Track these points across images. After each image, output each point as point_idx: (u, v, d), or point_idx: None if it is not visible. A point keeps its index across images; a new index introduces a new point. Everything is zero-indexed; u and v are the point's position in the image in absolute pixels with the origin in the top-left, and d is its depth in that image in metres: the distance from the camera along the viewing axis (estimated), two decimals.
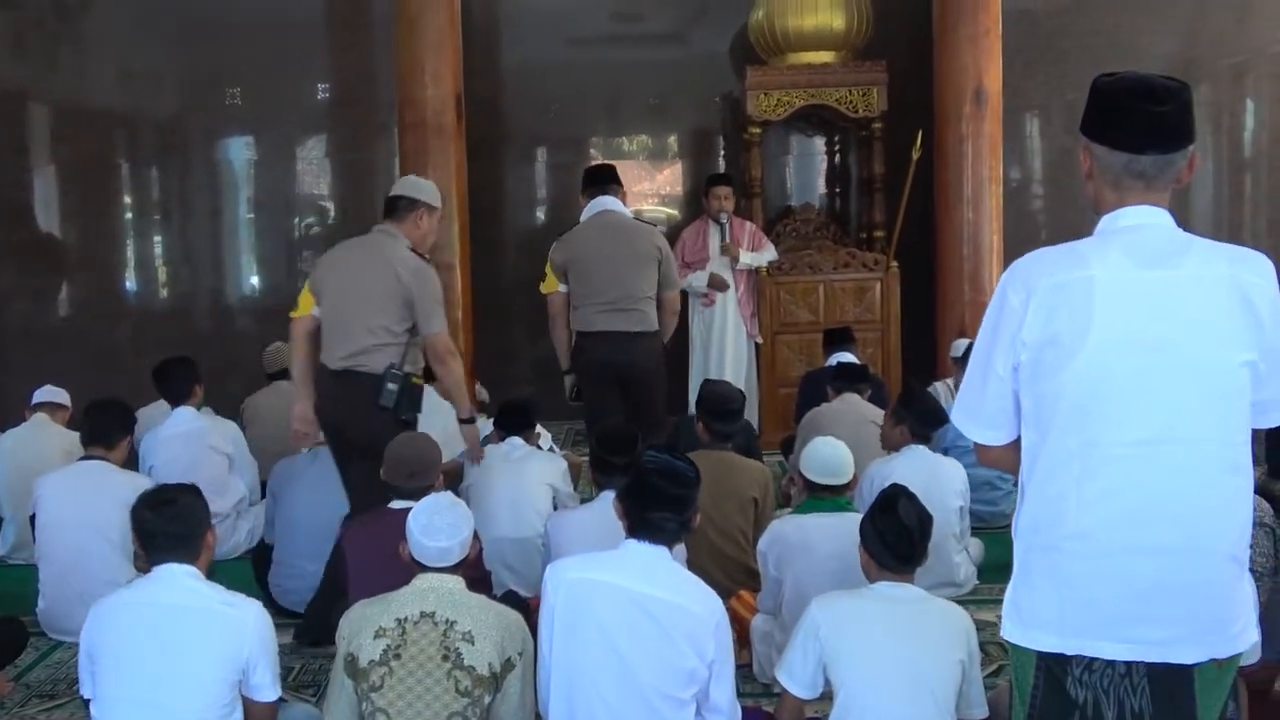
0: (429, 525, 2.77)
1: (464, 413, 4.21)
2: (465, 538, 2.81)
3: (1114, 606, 1.87)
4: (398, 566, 2.84)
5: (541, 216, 8.06)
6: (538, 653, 2.72)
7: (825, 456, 3.63)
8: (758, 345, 6.82)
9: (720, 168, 7.67)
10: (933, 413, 4.28)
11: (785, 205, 7.77)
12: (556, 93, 7.80)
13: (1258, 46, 7.73)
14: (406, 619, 2.67)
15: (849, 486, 3.67)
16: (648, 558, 2.69)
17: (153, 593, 2.74)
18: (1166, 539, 1.85)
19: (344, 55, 7.70)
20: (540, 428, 4.96)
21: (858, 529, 2.98)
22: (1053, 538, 1.91)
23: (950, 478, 4.24)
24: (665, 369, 4.98)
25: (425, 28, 6.32)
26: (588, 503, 4.10)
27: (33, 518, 4.23)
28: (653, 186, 8.16)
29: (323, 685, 3.62)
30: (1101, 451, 1.86)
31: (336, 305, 4.03)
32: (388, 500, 3.59)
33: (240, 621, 2.72)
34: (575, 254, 4.84)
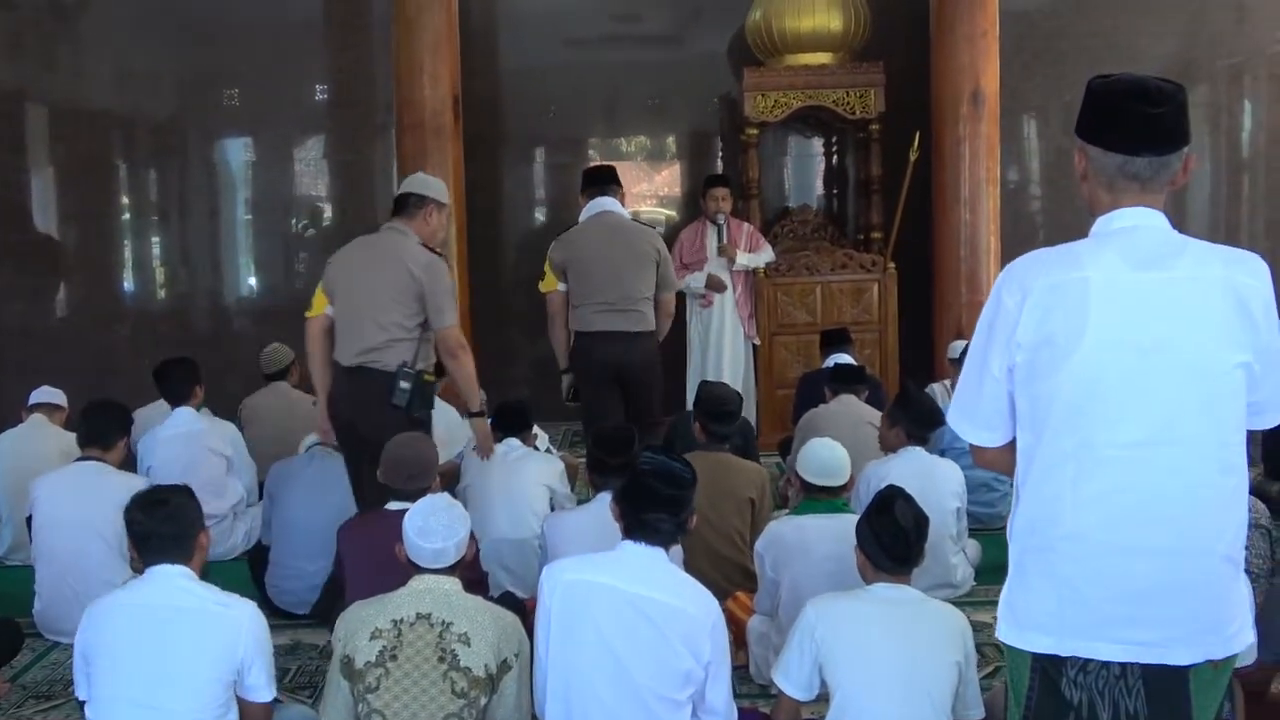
0: (424, 527, 2.77)
1: (475, 406, 4.24)
2: (461, 539, 2.81)
3: (1109, 607, 1.87)
4: (394, 568, 2.83)
5: (539, 217, 8.06)
6: (534, 654, 2.73)
7: (822, 458, 3.64)
8: (755, 346, 6.82)
9: (718, 169, 7.66)
10: (928, 414, 4.28)
11: (783, 206, 7.76)
12: (554, 94, 7.80)
13: (1255, 47, 7.73)
14: (402, 620, 2.67)
15: (846, 488, 3.68)
16: (644, 559, 2.69)
17: (146, 594, 2.74)
18: (1162, 540, 1.85)
19: (342, 56, 7.69)
20: (537, 429, 4.96)
21: (854, 530, 2.98)
22: (1048, 539, 1.91)
23: (947, 479, 4.24)
24: (662, 369, 4.98)
25: (423, 29, 6.34)
26: (585, 504, 4.10)
27: (29, 519, 4.23)
28: (650, 187, 8.16)
29: (319, 686, 3.62)
30: (1096, 453, 1.87)
31: (349, 302, 4.05)
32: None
33: (235, 622, 2.72)
34: (575, 253, 4.84)
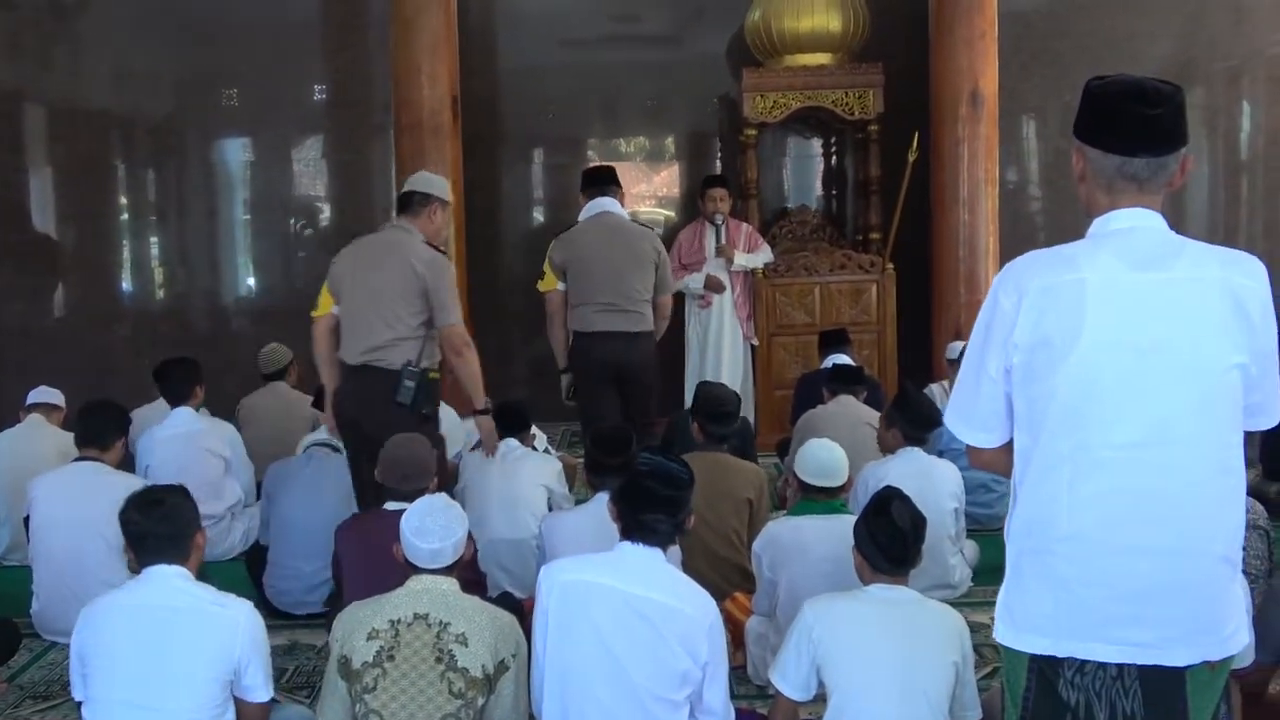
0: (421, 527, 2.77)
1: (479, 403, 4.24)
2: (458, 539, 2.80)
3: (1106, 608, 1.87)
4: (392, 568, 2.83)
5: (538, 217, 8.05)
6: (531, 654, 2.73)
7: (820, 458, 3.63)
8: (754, 347, 6.82)
9: (717, 169, 7.65)
10: (926, 415, 4.28)
11: (781, 207, 7.76)
12: (553, 94, 7.79)
13: (1254, 49, 7.73)
14: (400, 620, 2.67)
15: (844, 488, 3.68)
16: (642, 559, 2.69)
17: (143, 594, 2.74)
18: (1159, 541, 1.85)
19: (340, 56, 7.68)
20: (535, 429, 4.96)
21: (852, 531, 2.98)
22: (1045, 540, 1.91)
23: (945, 480, 4.24)
24: (659, 370, 4.99)
25: (421, 29, 6.33)
26: (582, 504, 4.10)
27: (27, 519, 4.23)
28: (649, 188, 8.15)
29: (317, 686, 3.61)
30: (1094, 454, 1.87)
31: (354, 301, 4.07)
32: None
33: (231, 622, 2.72)
34: (575, 253, 4.84)
